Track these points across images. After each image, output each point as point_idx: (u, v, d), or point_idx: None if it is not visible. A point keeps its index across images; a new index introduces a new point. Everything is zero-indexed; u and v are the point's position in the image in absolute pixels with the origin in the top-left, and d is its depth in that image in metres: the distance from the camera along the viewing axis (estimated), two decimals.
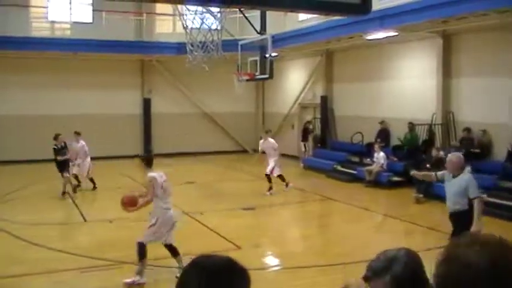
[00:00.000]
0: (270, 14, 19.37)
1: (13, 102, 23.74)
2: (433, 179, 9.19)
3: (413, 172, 9.97)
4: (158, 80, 26.34)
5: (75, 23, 24.27)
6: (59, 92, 24.50)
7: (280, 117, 26.41)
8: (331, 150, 21.79)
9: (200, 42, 18.39)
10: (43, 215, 13.77)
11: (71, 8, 23.92)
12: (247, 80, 19.84)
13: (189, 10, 20.35)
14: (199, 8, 19.75)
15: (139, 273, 8.26)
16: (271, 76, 18.75)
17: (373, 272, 2.05)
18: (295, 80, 25.45)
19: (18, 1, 22.24)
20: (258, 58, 18.76)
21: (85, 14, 24.29)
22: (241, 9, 19.37)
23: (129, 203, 8.61)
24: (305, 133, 23.14)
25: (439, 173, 8.72)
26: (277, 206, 15.37)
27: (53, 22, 24.50)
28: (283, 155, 25.44)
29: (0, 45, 21.52)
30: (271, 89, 26.93)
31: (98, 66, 24.84)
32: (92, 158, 19.02)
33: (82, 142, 16.85)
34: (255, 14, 19.69)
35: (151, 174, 8.61)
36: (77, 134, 17.08)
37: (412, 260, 2.06)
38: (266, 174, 16.42)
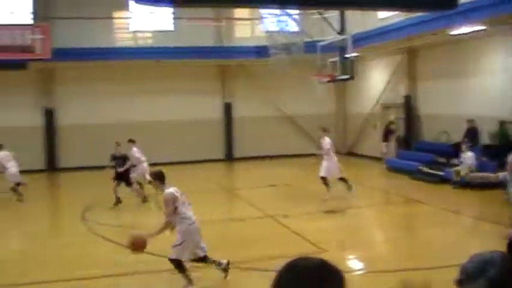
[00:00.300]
0: (349, 14, 19.25)
1: (99, 110, 24.94)
2: (492, 180, 8.69)
3: (471, 175, 9.29)
4: (238, 84, 26.73)
5: (157, 31, 25.16)
6: (142, 99, 25.43)
7: (362, 118, 26.13)
8: (415, 151, 21.28)
9: (282, 44, 18.59)
10: (130, 218, 14.35)
11: (152, 18, 24.74)
12: (328, 81, 19.80)
13: (270, 14, 20.65)
14: (278, 12, 19.95)
15: (188, 283, 8.28)
16: (352, 77, 18.62)
17: (467, 275, 2.01)
18: (376, 80, 25.10)
19: (103, 14, 23.30)
20: (338, 59, 18.69)
21: (167, 23, 25.11)
22: (320, 10, 19.38)
23: (138, 245, 8.12)
24: (387, 134, 22.74)
25: (501, 174, 8.14)
26: (360, 208, 15.23)
27: (135, 32, 25.47)
28: (365, 156, 25.29)
29: (87, 56, 22.73)
30: (352, 90, 26.68)
31: (179, 72, 25.54)
32: (173, 163, 19.42)
33: (134, 149, 16.87)
34: (333, 15, 19.62)
35: (168, 191, 8.30)
36: (130, 141, 17.07)
37: (508, 263, 2.01)
38: (339, 178, 15.87)
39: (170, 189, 8.31)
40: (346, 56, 18.33)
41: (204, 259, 8.56)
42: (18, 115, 24.37)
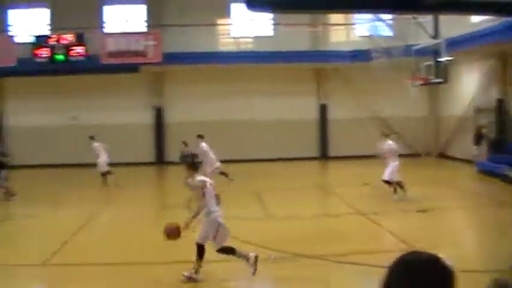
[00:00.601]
0: (443, 18, 18.83)
1: (203, 108, 25.85)
2: None
3: None
4: (333, 86, 26.73)
5: (257, 37, 25.71)
6: (242, 99, 26.11)
7: (454, 121, 25.34)
8: (508, 155, 20.36)
9: (383, 48, 18.56)
10: (234, 210, 14.81)
11: (253, 24, 25.33)
12: (421, 85, 19.47)
13: (365, 19, 20.69)
14: (373, 17, 19.89)
15: (247, 260, 8.33)
16: (445, 80, 18.21)
17: None
18: (468, 83, 24.23)
19: (207, 21, 24.19)
20: (431, 62, 18.34)
21: (266, 28, 25.62)
22: (414, 15, 19.10)
23: (172, 233, 8.38)
24: (478, 137, 21.92)
25: None
26: (450, 209, 14.89)
27: (237, 37, 26.13)
28: (456, 159, 24.52)
29: (193, 59, 23.71)
30: (445, 93, 25.92)
31: (277, 75, 25.93)
32: (271, 160, 19.41)
33: (203, 144, 16.81)
34: (427, 19, 19.28)
35: (201, 178, 8.61)
36: (199, 137, 16.99)
37: None
38: (385, 181, 15.40)
39: (201, 177, 8.67)
40: (440, 59, 17.95)
41: (201, 249, 8.48)
42: (131, 113, 25.78)
